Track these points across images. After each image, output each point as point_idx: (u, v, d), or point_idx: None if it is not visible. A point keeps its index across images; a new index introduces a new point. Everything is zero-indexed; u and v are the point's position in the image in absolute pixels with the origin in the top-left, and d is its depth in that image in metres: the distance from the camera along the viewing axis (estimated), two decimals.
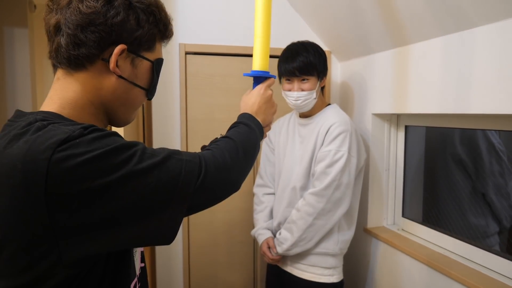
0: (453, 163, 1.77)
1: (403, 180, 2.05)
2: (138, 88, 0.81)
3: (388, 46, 1.84)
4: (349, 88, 2.25)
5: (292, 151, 1.87)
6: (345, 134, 1.69)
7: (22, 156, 0.61)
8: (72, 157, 0.61)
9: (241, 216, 2.26)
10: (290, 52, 1.77)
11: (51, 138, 0.62)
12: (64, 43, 0.73)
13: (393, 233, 1.98)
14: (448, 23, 1.44)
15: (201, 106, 2.17)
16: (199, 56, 2.14)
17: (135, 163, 0.66)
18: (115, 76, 0.77)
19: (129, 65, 0.78)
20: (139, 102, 0.84)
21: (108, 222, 0.64)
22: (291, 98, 1.76)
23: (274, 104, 1.12)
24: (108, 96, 0.78)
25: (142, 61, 0.80)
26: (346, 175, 1.67)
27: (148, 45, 0.80)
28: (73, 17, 0.72)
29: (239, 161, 0.87)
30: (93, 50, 0.73)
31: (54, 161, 0.60)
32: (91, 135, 0.66)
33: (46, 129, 0.65)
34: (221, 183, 0.81)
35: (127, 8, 0.75)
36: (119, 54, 0.74)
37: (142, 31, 0.77)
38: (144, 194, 0.67)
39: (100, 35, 0.73)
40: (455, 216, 1.75)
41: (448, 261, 1.61)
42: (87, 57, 0.74)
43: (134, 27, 0.76)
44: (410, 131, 2.02)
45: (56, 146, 0.61)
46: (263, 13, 1.11)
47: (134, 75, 0.79)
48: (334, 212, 1.69)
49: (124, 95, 0.79)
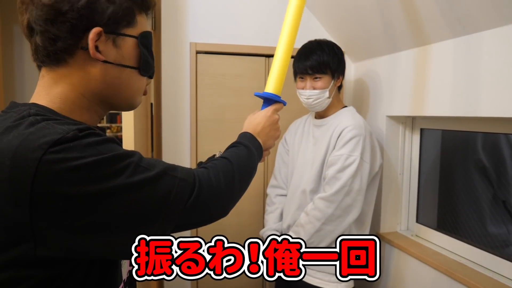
0: (474, 168, 1.71)
1: (417, 185, 2.00)
2: (128, 68, 0.76)
3: (403, 47, 1.79)
4: (363, 89, 2.20)
5: (304, 153, 1.83)
6: (358, 139, 1.64)
7: (12, 152, 0.58)
8: (64, 161, 0.58)
9: (251, 219, 2.22)
10: (304, 50, 1.75)
11: (43, 137, 0.59)
12: (40, 42, 0.70)
13: (407, 239, 1.93)
14: (468, 24, 1.40)
15: (212, 106, 2.13)
16: (209, 56, 2.10)
17: (127, 176, 0.64)
18: (100, 62, 0.72)
19: (111, 47, 0.73)
20: (136, 83, 0.79)
21: (90, 231, 0.62)
22: (303, 97, 1.73)
23: (279, 130, 1.10)
24: (99, 85, 0.74)
25: (124, 39, 0.74)
26: (357, 181, 1.62)
27: (127, 21, 0.74)
28: (40, 13, 0.68)
29: (234, 187, 0.84)
30: (69, 41, 0.69)
31: (44, 162, 0.57)
32: (86, 140, 0.63)
33: (39, 125, 0.62)
34: (210, 207, 0.78)
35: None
36: (96, 38, 0.70)
37: (114, 7, 0.71)
38: (132, 208, 0.64)
39: (71, 24, 0.68)
40: (473, 223, 1.69)
41: (466, 269, 1.56)
42: (65, 49, 0.70)
43: (104, 5, 0.70)
44: (426, 134, 1.97)
45: (48, 147, 0.58)
46: (288, 39, 1.11)
47: (120, 56, 0.74)
48: (343, 218, 1.64)
49: (116, 80, 0.75)
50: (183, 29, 2.05)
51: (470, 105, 1.43)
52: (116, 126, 7.59)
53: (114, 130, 7.60)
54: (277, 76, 1.11)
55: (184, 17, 2.05)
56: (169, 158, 2.09)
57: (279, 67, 1.11)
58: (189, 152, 2.11)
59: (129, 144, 1.60)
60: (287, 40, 1.10)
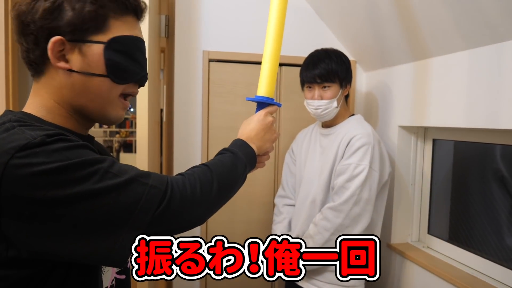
0: (492, 178, 1.67)
1: (429, 196, 1.97)
2: (97, 77, 0.73)
3: (417, 57, 1.78)
4: (374, 99, 2.19)
5: (312, 162, 1.82)
6: (367, 147, 1.62)
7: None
8: (29, 166, 0.59)
9: (260, 228, 2.21)
10: (312, 59, 1.73)
11: (11, 142, 0.61)
12: (20, 54, 0.73)
13: (419, 250, 1.90)
14: (482, 35, 1.38)
15: (223, 114, 2.15)
16: (222, 64, 2.12)
17: (94, 182, 0.63)
18: (66, 71, 0.72)
19: (78, 55, 0.71)
20: (107, 92, 0.75)
21: (56, 235, 0.62)
22: (311, 107, 1.72)
23: (274, 132, 1.07)
24: (70, 94, 0.73)
25: (90, 46, 0.71)
26: (366, 190, 1.60)
27: (95, 26, 0.71)
28: (14, 26, 0.71)
29: (210, 196, 0.79)
30: (37, 52, 0.71)
31: (10, 166, 0.59)
32: (53, 145, 0.63)
33: (12, 131, 0.64)
34: (183, 215, 0.74)
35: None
36: (59, 48, 0.70)
37: (73, 13, 0.69)
38: (97, 214, 0.64)
39: (35, 36, 0.69)
40: (488, 235, 1.65)
41: (481, 283, 1.52)
42: (37, 60, 0.72)
43: (64, 13, 0.69)
44: (438, 145, 1.94)
45: (15, 152, 0.59)
46: (274, 39, 1.08)
47: (86, 65, 0.72)
48: (352, 228, 1.61)
49: (85, 89, 0.73)
50: (196, 38, 2.08)
51: (488, 116, 1.40)
52: (125, 131, 7.67)
53: (123, 135, 7.67)
54: (267, 78, 1.08)
55: (197, 25, 2.08)
56: (180, 165, 2.10)
57: (269, 68, 1.08)
58: (200, 159, 2.12)
59: (142, 149, 1.62)
60: (274, 40, 1.07)
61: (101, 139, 7.65)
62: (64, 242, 0.63)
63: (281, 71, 2.19)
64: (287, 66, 2.18)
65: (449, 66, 1.59)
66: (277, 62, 1.09)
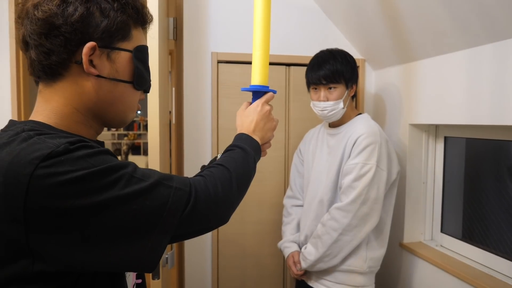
0: (508, 175, 1.65)
1: (442, 194, 1.95)
2: (122, 83, 0.75)
3: (427, 55, 1.76)
4: (383, 98, 2.18)
5: (319, 162, 1.81)
6: (374, 146, 1.61)
7: (4, 169, 0.59)
8: (55, 175, 0.58)
9: (271, 228, 2.21)
10: (317, 60, 1.73)
11: (34, 152, 0.60)
12: (35, 56, 0.70)
13: (432, 249, 1.88)
14: (494, 31, 1.37)
15: (232, 115, 2.14)
16: (231, 65, 2.13)
17: (120, 188, 0.63)
18: (93, 76, 0.72)
19: (106, 61, 0.73)
20: (129, 98, 0.78)
21: (85, 245, 0.61)
22: (317, 108, 1.72)
23: (273, 120, 1.06)
24: (93, 100, 0.73)
25: (119, 53, 0.74)
26: (374, 190, 1.59)
27: (122, 34, 0.74)
28: (34, 27, 0.68)
29: (231, 194, 0.81)
30: (63, 55, 0.69)
31: (35, 177, 0.57)
32: (78, 153, 0.62)
33: (31, 141, 0.62)
34: (208, 216, 0.75)
35: (85, 1, 0.69)
36: (90, 53, 0.70)
37: (108, 21, 0.71)
38: (126, 220, 0.63)
39: (65, 38, 0.68)
40: (503, 233, 1.63)
41: (496, 282, 1.51)
42: (59, 63, 0.70)
43: (99, 19, 0.70)
44: (450, 142, 1.93)
45: (39, 162, 0.58)
46: (261, 25, 1.08)
47: (114, 71, 0.74)
48: (361, 228, 1.60)
49: (109, 94, 0.74)
50: (204, 39, 2.08)
51: (500, 113, 1.39)
52: (133, 133, 7.70)
53: (131, 138, 7.69)
54: (260, 66, 1.07)
55: (205, 27, 2.08)
56: (190, 166, 2.10)
57: (260, 56, 1.07)
58: (209, 160, 2.12)
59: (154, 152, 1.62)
60: (262, 28, 1.07)
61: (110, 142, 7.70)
62: (93, 251, 0.62)
63: (289, 71, 2.19)
64: (295, 66, 2.17)
65: (460, 63, 1.58)
66: (267, 49, 1.09)
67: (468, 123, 1.54)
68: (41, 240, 0.59)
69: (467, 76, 1.54)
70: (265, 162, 2.18)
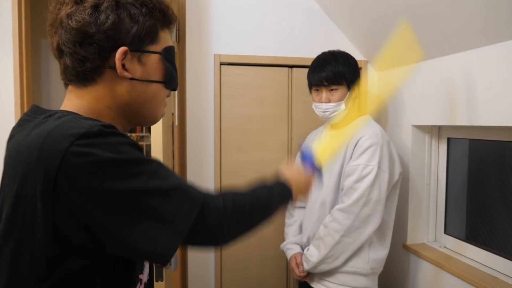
0: (510, 177, 1.64)
1: (445, 195, 1.95)
2: (154, 83, 0.79)
3: (430, 56, 1.76)
4: (386, 99, 2.17)
5: None
6: (375, 148, 1.61)
7: (40, 143, 0.62)
8: (88, 155, 0.61)
9: (274, 230, 2.20)
10: (319, 61, 1.73)
11: (69, 129, 0.62)
12: (69, 63, 0.73)
13: (436, 251, 1.88)
14: (497, 31, 1.37)
15: (235, 116, 2.15)
16: (233, 67, 2.13)
17: (143, 180, 0.65)
18: (127, 79, 0.75)
19: (137, 64, 0.76)
20: (160, 96, 0.82)
21: (105, 225, 0.63)
22: (319, 110, 1.72)
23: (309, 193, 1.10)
24: (126, 100, 0.77)
25: (149, 55, 0.77)
26: (375, 191, 1.59)
27: (151, 38, 0.77)
28: (68, 36, 0.72)
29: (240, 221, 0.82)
30: (97, 62, 0.73)
31: (69, 153, 0.60)
32: (111, 138, 0.65)
33: (65, 118, 0.65)
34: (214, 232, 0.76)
35: (115, 8, 0.72)
36: (122, 58, 0.73)
37: (138, 26, 0.74)
38: (144, 211, 0.65)
39: (98, 45, 0.72)
40: (507, 234, 1.63)
41: (501, 283, 1.50)
42: (93, 70, 0.73)
43: (129, 25, 0.73)
44: (453, 143, 1.92)
45: (74, 139, 0.61)
46: None
47: (145, 72, 0.77)
48: (363, 230, 1.60)
49: (142, 95, 0.78)
50: (207, 41, 2.09)
51: (504, 114, 1.39)
52: (135, 135, 7.70)
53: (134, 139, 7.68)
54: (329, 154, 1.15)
55: (208, 29, 2.08)
56: (193, 168, 2.10)
57: None
58: (213, 162, 2.13)
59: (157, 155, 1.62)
60: None
61: None
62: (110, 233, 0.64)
63: (292, 72, 2.19)
64: (297, 68, 2.17)
65: (463, 64, 1.58)
66: None
67: (471, 124, 1.54)
68: (64, 216, 0.62)
69: (470, 77, 1.54)
70: (268, 163, 2.18)
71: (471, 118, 1.54)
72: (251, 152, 2.17)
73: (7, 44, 1.76)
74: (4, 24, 1.76)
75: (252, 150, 2.17)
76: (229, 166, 2.15)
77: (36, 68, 2.45)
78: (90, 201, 0.62)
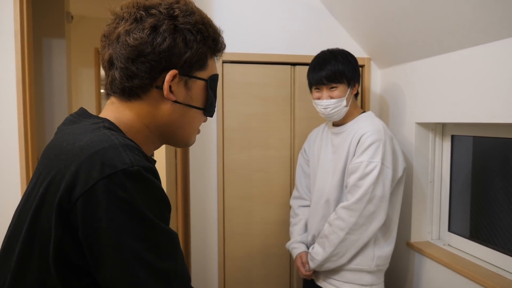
0: None
1: (449, 193, 1.94)
2: (194, 109, 0.80)
3: (433, 53, 1.75)
4: (390, 96, 2.17)
5: (324, 162, 1.81)
6: (378, 144, 1.60)
7: (80, 161, 0.62)
8: (115, 196, 0.61)
9: (277, 229, 2.20)
10: (318, 60, 1.73)
11: (110, 160, 0.62)
12: (118, 76, 0.75)
13: (440, 248, 1.87)
14: (502, 28, 1.36)
15: (238, 115, 2.14)
16: (236, 65, 2.12)
17: (146, 247, 0.63)
18: (170, 101, 0.76)
19: (182, 88, 0.77)
20: (197, 122, 0.84)
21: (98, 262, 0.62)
22: (320, 107, 1.71)
23: None
24: (164, 121, 0.78)
25: (195, 81, 0.79)
26: (379, 188, 1.58)
27: (200, 64, 0.78)
28: (123, 51, 0.73)
29: None
30: (145, 80, 0.74)
31: (99, 184, 0.60)
32: (144, 185, 0.64)
33: (110, 144, 0.65)
34: None
35: (173, 32, 0.74)
36: (171, 80, 0.74)
37: (191, 52, 0.76)
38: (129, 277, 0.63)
39: (150, 65, 0.73)
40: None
41: (506, 281, 1.50)
42: (140, 87, 0.75)
43: (183, 49, 0.75)
44: (457, 141, 1.92)
45: (111, 173, 0.61)
46: None
47: (189, 97, 0.79)
48: (367, 227, 1.60)
49: (180, 118, 0.79)
50: None
51: (508, 110, 1.38)
52: None
53: None
54: None
55: None
56: (196, 166, 2.10)
57: None
58: (215, 160, 2.12)
59: (159, 153, 1.62)
60: None
61: None
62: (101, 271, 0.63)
63: (295, 70, 2.18)
64: (300, 65, 2.16)
65: (466, 60, 1.57)
66: None
67: (475, 121, 1.54)
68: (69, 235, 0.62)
69: (474, 74, 1.53)
70: (271, 161, 2.18)
71: (474, 115, 1.53)
72: (254, 150, 2.17)
73: (9, 44, 1.76)
74: (6, 23, 1.75)
75: (255, 148, 2.17)
76: (232, 164, 2.15)
77: (38, 68, 2.45)
78: (93, 235, 0.61)
